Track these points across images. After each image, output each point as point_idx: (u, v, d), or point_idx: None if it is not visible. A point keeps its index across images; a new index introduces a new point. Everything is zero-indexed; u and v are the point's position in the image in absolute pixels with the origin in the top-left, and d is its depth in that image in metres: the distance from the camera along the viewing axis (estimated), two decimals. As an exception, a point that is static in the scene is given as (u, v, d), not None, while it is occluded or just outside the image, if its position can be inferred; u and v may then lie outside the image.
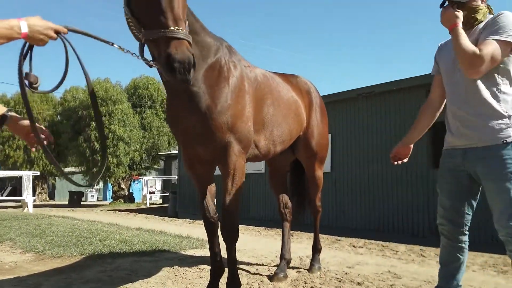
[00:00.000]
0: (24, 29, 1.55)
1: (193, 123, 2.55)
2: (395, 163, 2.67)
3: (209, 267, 3.14)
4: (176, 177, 17.93)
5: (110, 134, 22.44)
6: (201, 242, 5.60)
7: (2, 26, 1.48)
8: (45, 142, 1.79)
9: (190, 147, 2.73)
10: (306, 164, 3.87)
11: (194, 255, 4.76)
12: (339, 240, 6.50)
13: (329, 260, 4.66)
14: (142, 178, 23.79)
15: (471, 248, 2.44)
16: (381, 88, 9.27)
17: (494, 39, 2.05)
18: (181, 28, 1.96)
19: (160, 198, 26.38)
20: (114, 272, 3.77)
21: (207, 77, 2.53)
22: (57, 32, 1.68)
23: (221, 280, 2.96)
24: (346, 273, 3.95)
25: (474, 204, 2.28)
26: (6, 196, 31.06)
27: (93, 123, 21.04)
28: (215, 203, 2.96)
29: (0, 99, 26.50)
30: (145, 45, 2.09)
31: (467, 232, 2.32)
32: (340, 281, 3.62)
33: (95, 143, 20.82)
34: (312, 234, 4.17)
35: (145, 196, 22.35)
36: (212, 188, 2.92)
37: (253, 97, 2.83)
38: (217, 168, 2.95)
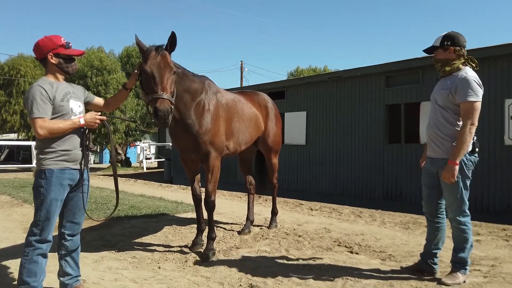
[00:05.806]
0: (82, 122, 2.87)
1: (188, 140, 4.08)
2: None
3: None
4: (170, 144, 19.50)
5: (106, 103, 23.64)
6: (192, 207, 7.22)
7: (70, 125, 2.80)
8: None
9: (185, 152, 4.28)
10: (265, 155, 5.47)
11: (186, 217, 6.44)
12: (301, 204, 8.22)
13: (286, 220, 6.36)
14: (138, 145, 25.25)
15: (403, 209, 3.74)
16: (348, 73, 10.72)
17: (470, 101, 3.10)
18: (165, 93, 3.35)
19: (154, 162, 28.10)
20: (131, 229, 5.43)
21: (195, 111, 4.01)
22: (100, 120, 3.00)
23: (204, 234, 4.61)
24: (294, 229, 5.64)
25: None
26: (4, 160, 32.58)
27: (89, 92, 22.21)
28: (200, 185, 4.56)
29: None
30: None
31: (441, 215, 3.40)
32: (287, 234, 5.32)
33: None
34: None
35: (141, 161, 23.96)
36: (198, 176, 4.51)
37: (225, 118, 4.35)
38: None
